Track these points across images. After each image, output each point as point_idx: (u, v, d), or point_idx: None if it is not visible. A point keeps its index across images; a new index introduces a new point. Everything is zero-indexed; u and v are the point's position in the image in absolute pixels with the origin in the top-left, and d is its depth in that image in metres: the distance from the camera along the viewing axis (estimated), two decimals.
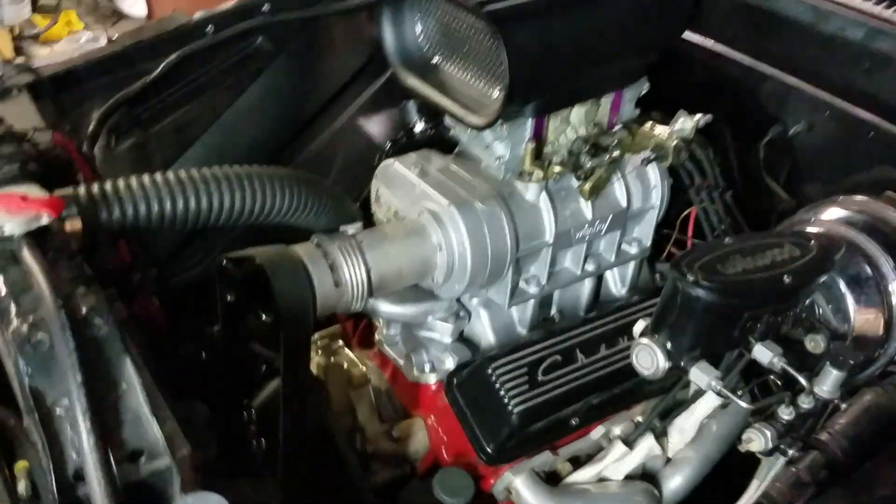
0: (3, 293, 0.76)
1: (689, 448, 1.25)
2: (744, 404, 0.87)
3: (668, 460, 1.26)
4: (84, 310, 0.73)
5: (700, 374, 0.88)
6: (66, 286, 0.74)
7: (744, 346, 0.90)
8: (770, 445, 0.90)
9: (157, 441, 0.72)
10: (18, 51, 3.64)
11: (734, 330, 0.88)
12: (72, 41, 3.77)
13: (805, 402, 0.90)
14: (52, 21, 3.80)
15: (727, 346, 0.91)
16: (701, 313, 0.84)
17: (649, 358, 0.90)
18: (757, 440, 0.90)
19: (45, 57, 3.48)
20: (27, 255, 0.75)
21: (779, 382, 1.04)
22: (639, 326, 0.93)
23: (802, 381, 0.88)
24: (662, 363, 0.88)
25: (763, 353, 0.89)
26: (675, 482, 1.25)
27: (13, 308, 0.74)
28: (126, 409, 0.73)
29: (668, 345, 0.88)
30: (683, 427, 1.24)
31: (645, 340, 0.90)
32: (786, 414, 0.90)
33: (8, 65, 1.37)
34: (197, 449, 0.77)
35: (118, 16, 4.06)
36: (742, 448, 0.94)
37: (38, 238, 0.78)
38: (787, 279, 0.86)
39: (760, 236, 0.97)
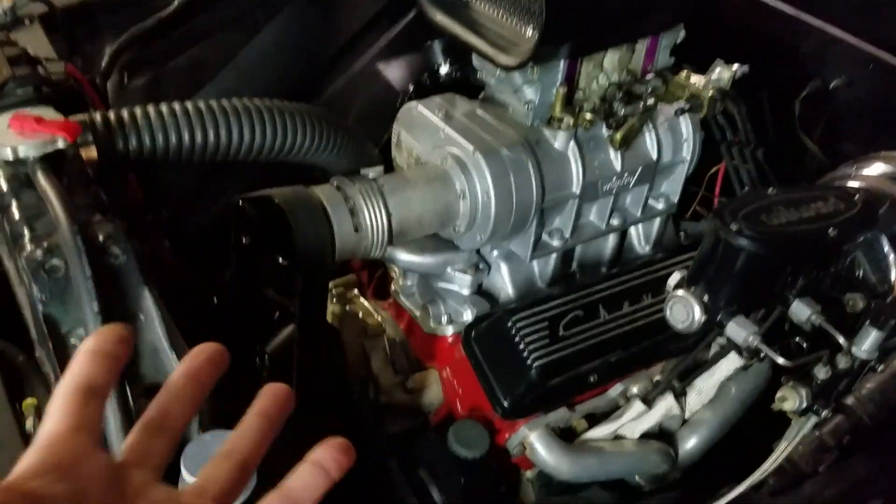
0: (17, 218, 0.73)
1: (706, 409, 1.23)
2: (782, 361, 0.84)
3: (685, 421, 1.25)
4: (101, 237, 0.69)
5: (737, 329, 0.85)
6: (82, 212, 0.70)
7: (781, 303, 0.87)
8: (804, 405, 0.88)
9: None
10: None
11: (774, 285, 0.85)
12: None
13: (842, 363, 0.87)
14: None
15: (765, 302, 0.88)
16: (742, 265, 0.81)
17: (684, 311, 0.86)
18: (791, 399, 0.88)
19: None
20: (42, 179, 0.72)
21: (804, 345, 1.01)
22: (674, 278, 0.89)
23: (841, 339, 0.85)
24: (698, 316, 0.85)
25: (801, 310, 0.86)
26: (691, 442, 1.24)
27: (27, 233, 0.71)
28: (144, 342, 0.70)
29: (706, 298, 0.84)
30: (702, 388, 1.22)
31: (680, 293, 0.87)
32: (822, 373, 0.87)
33: None
34: (213, 390, 0.75)
35: None
36: (775, 407, 0.91)
37: (53, 162, 0.75)
38: (832, 233, 0.83)
39: (804, 188, 0.94)
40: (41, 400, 0.92)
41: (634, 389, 1.22)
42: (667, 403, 1.20)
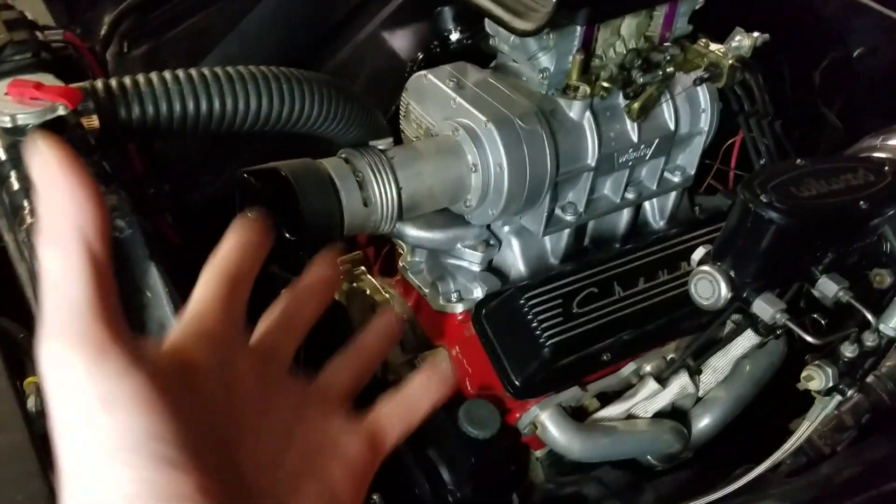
0: (16, 189, 0.69)
1: (720, 387, 1.22)
2: (810, 338, 0.82)
3: (699, 399, 1.23)
4: None
5: (764, 306, 0.82)
6: None
7: (807, 278, 0.84)
8: (831, 384, 0.85)
9: None
10: None
11: (802, 259, 0.82)
12: None
13: (869, 340, 0.85)
14: None
15: (792, 277, 0.86)
16: (772, 239, 0.78)
17: (710, 287, 0.84)
18: (818, 378, 0.85)
19: None
20: None
21: (822, 322, 0.99)
22: (698, 253, 0.86)
23: (869, 315, 0.83)
24: (725, 292, 0.82)
25: (828, 286, 0.83)
26: (704, 421, 1.22)
27: (27, 205, 0.67)
28: (150, 318, 0.67)
29: (732, 273, 0.82)
30: (717, 366, 1.20)
31: (706, 268, 0.84)
32: (849, 351, 0.85)
33: None
34: None
35: None
36: (801, 386, 0.89)
37: (54, 131, 0.72)
38: (863, 205, 0.80)
39: (833, 159, 0.91)
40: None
41: (648, 368, 1.20)
42: (681, 382, 1.18)
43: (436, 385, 0.53)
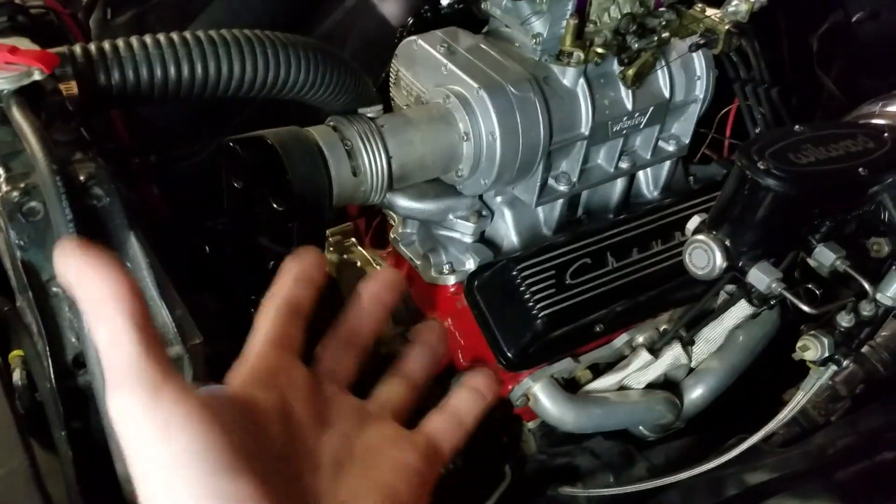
0: None
1: (713, 358, 1.21)
2: (807, 308, 0.80)
3: (691, 370, 1.22)
4: (82, 178, 0.64)
5: (760, 276, 0.81)
6: (61, 150, 0.65)
7: (804, 247, 0.83)
8: (826, 354, 0.84)
9: (168, 328, 0.65)
10: None
11: (800, 228, 0.81)
12: None
13: (865, 310, 0.83)
14: None
15: (789, 246, 0.84)
16: (770, 207, 0.76)
17: (705, 256, 0.82)
18: (813, 348, 0.84)
19: None
20: (17, 114, 0.66)
21: (817, 292, 0.98)
22: (693, 223, 0.85)
23: (866, 285, 0.81)
24: (720, 262, 0.81)
25: (825, 255, 0.82)
26: (696, 392, 1.22)
27: (2, 173, 0.65)
28: None
29: (728, 242, 0.80)
30: (710, 337, 1.20)
31: (701, 237, 0.82)
32: (845, 321, 0.84)
33: None
34: (208, 341, 0.71)
35: None
36: (796, 356, 0.88)
37: (30, 96, 0.69)
38: (862, 172, 0.78)
39: (832, 125, 0.89)
40: (28, 352, 0.88)
41: (640, 339, 1.19)
42: (674, 353, 1.17)
43: (477, 401, 0.57)
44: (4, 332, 0.90)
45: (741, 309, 1.13)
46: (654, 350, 1.17)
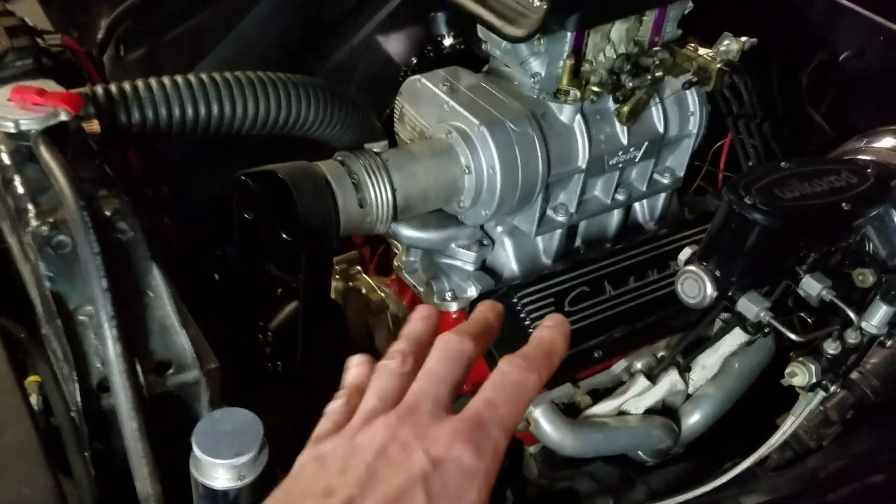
0: (21, 192, 0.71)
1: (710, 384, 1.24)
2: (793, 336, 0.84)
3: (689, 396, 1.25)
4: (108, 212, 0.68)
5: (749, 305, 0.85)
6: (87, 187, 0.69)
7: (791, 277, 0.87)
8: (814, 380, 0.88)
9: (186, 353, 0.69)
10: None
11: (786, 259, 0.84)
12: None
13: (851, 338, 0.87)
14: None
15: (777, 277, 0.88)
16: (756, 239, 0.80)
17: (696, 286, 0.86)
18: (801, 374, 0.88)
19: None
20: (45, 153, 0.70)
21: (809, 320, 1.01)
22: (685, 254, 0.89)
23: (851, 314, 0.85)
24: (710, 291, 0.85)
25: (812, 285, 0.86)
26: (694, 418, 1.24)
27: (31, 208, 0.69)
28: (152, 318, 0.69)
29: (718, 272, 0.84)
30: (706, 363, 1.22)
31: (692, 268, 0.86)
32: (831, 348, 0.87)
33: None
34: (221, 370, 0.74)
35: None
36: (785, 382, 0.91)
37: (56, 136, 0.73)
38: (845, 206, 0.82)
39: (817, 161, 0.93)
40: (44, 377, 0.91)
41: (638, 365, 1.22)
42: (671, 379, 1.20)
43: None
44: (21, 358, 0.93)
45: (736, 336, 1.16)
46: (652, 376, 1.20)
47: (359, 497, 0.53)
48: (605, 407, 1.20)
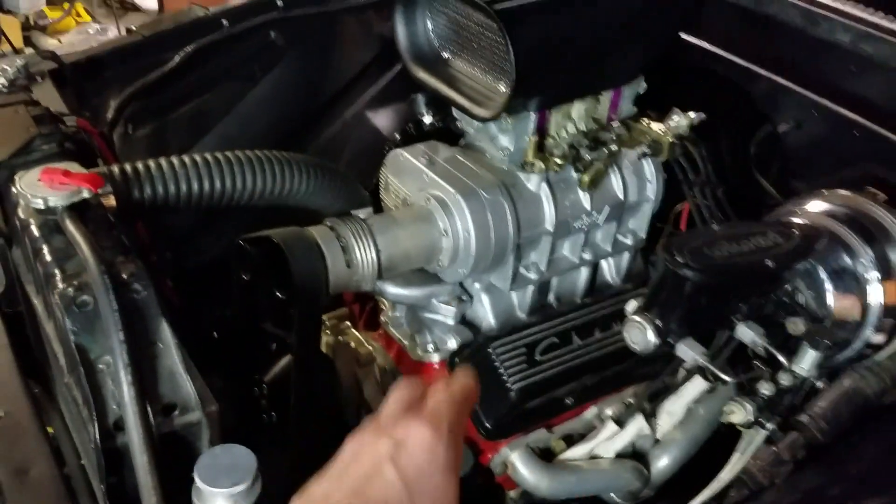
0: (49, 260, 0.82)
1: (676, 430, 1.30)
2: (726, 377, 0.94)
3: (657, 441, 1.32)
4: (125, 275, 0.79)
5: (686, 350, 0.95)
6: (107, 254, 0.80)
7: (728, 327, 0.97)
8: (750, 418, 0.97)
9: (190, 396, 0.79)
10: (27, 41, 3.68)
11: (720, 310, 0.94)
12: (80, 32, 3.81)
13: (784, 380, 0.97)
14: (65, 12, 3.84)
15: (713, 326, 0.98)
16: (688, 293, 0.91)
17: (640, 334, 0.96)
18: (738, 412, 0.97)
19: (55, 48, 3.52)
20: (70, 226, 0.82)
21: (762, 365, 1.10)
22: (631, 305, 0.99)
23: (782, 359, 0.95)
24: (652, 339, 0.95)
25: (745, 333, 0.96)
26: (662, 462, 1.30)
27: (58, 274, 0.80)
28: (162, 366, 0.79)
29: (658, 322, 0.94)
30: (672, 410, 1.29)
31: (636, 318, 0.96)
32: (766, 389, 0.97)
33: (33, 52, 1.42)
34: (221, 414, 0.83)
35: (128, 8, 4.11)
36: (724, 419, 1.00)
37: (80, 210, 0.85)
38: (769, 263, 0.93)
39: (747, 225, 1.04)
40: (56, 427, 1.01)
41: (608, 411, 1.29)
42: (638, 424, 1.27)
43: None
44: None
45: (697, 384, 1.25)
46: (621, 421, 1.28)
47: (336, 490, 0.64)
48: (577, 451, 1.27)
